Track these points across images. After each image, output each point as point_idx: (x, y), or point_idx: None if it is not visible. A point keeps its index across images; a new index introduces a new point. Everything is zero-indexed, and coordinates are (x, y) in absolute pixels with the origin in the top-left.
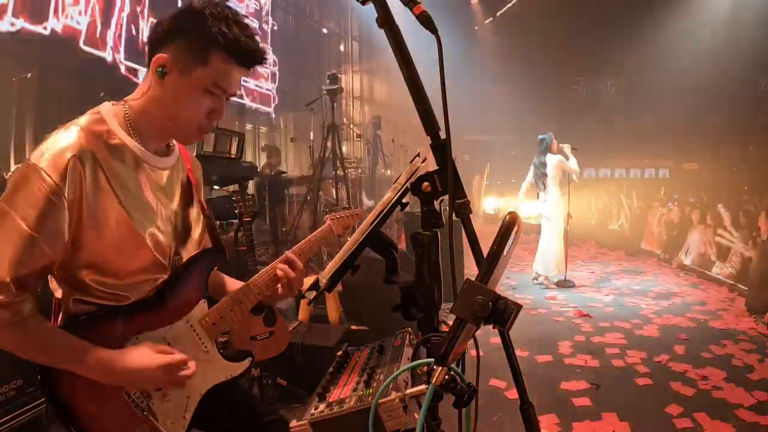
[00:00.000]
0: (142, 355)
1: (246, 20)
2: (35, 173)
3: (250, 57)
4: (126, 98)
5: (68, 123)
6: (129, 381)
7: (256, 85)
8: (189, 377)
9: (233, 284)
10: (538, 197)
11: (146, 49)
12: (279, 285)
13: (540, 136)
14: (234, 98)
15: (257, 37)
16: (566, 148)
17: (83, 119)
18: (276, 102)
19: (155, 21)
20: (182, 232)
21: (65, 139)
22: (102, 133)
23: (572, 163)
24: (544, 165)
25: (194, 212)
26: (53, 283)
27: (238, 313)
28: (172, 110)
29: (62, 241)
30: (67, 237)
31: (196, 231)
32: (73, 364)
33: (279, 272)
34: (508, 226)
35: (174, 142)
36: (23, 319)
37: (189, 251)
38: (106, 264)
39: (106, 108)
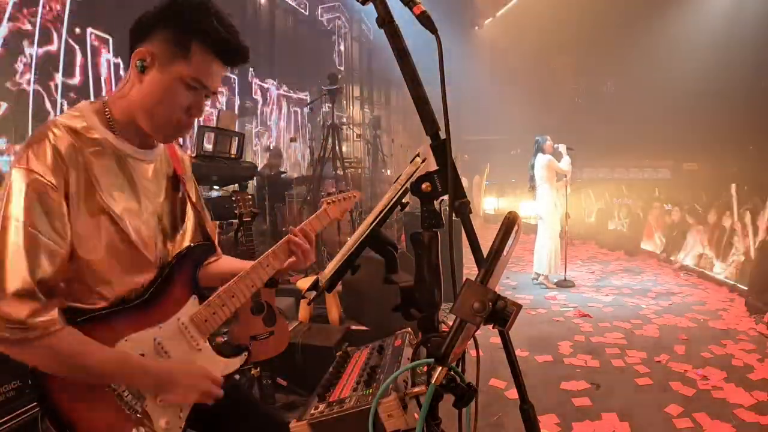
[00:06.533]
0: (194, 374)
1: (229, 17)
2: (22, 174)
3: (231, 53)
4: (106, 96)
5: (46, 122)
6: (164, 392)
7: None
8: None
9: (242, 265)
10: (534, 197)
11: (129, 43)
12: (291, 257)
13: (536, 137)
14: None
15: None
16: (562, 148)
17: (60, 117)
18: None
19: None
20: (169, 227)
21: (44, 136)
22: (81, 129)
23: (564, 164)
24: (533, 166)
25: (183, 207)
26: None
27: (231, 308)
28: (150, 105)
29: (67, 232)
30: (70, 230)
31: (186, 226)
32: (115, 377)
33: (293, 244)
34: (508, 225)
35: None
36: (58, 330)
37: (177, 246)
38: (91, 261)
39: (84, 106)
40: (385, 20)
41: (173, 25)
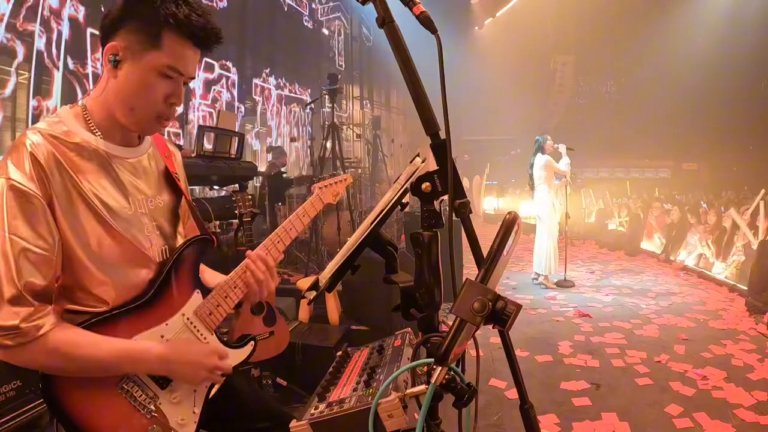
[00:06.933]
0: (198, 352)
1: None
2: (4, 184)
3: (204, 35)
4: (84, 98)
5: (24, 131)
6: (172, 372)
7: None
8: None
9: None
10: (533, 197)
11: (99, 41)
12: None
13: (536, 137)
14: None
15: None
16: (562, 148)
17: (40, 124)
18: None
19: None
20: (165, 223)
21: (22, 144)
22: (60, 134)
23: (562, 164)
24: (532, 165)
25: (177, 202)
26: None
27: (234, 299)
28: (128, 99)
29: (54, 237)
30: (57, 234)
31: (182, 221)
32: (120, 366)
33: (248, 272)
34: (508, 225)
35: None
36: (51, 329)
37: (175, 241)
38: (89, 264)
39: (63, 111)
40: (385, 20)
41: (141, 15)
